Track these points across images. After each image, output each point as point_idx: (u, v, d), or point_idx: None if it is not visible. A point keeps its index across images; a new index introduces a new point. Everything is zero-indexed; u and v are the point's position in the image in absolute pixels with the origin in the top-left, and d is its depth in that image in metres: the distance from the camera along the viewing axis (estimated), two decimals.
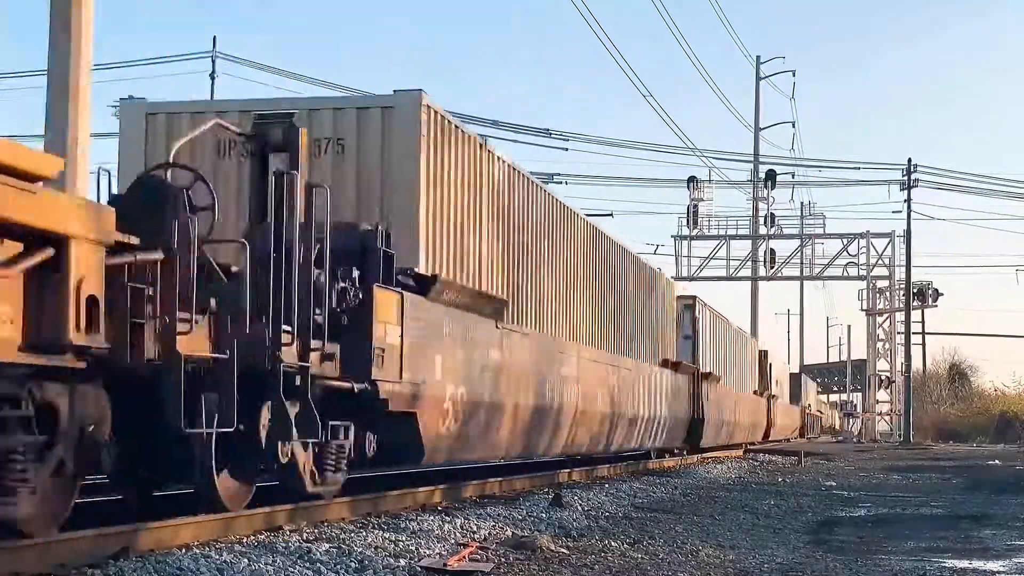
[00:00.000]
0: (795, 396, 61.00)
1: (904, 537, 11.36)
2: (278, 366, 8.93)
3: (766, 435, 42.79)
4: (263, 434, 9.01)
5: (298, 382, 9.27)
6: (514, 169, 15.72)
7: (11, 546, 6.58)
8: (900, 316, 55.05)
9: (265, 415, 9.05)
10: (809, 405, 72.42)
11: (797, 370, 79.26)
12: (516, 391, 14.69)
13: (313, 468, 9.88)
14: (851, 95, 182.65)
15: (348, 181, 12.79)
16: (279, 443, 9.12)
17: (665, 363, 24.53)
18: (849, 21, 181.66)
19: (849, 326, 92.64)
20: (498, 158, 15.11)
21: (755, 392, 40.32)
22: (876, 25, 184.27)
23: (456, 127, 13.84)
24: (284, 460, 9.25)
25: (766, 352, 45.27)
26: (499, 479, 15.04)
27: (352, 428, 10.36)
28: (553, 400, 16.29)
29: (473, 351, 13.14)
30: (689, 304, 29.10)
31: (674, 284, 27.77)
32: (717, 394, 30.36)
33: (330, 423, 9.89)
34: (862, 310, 57.40)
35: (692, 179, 49.96)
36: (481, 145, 14.64)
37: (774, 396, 45.17)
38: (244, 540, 8.28)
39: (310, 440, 9.54)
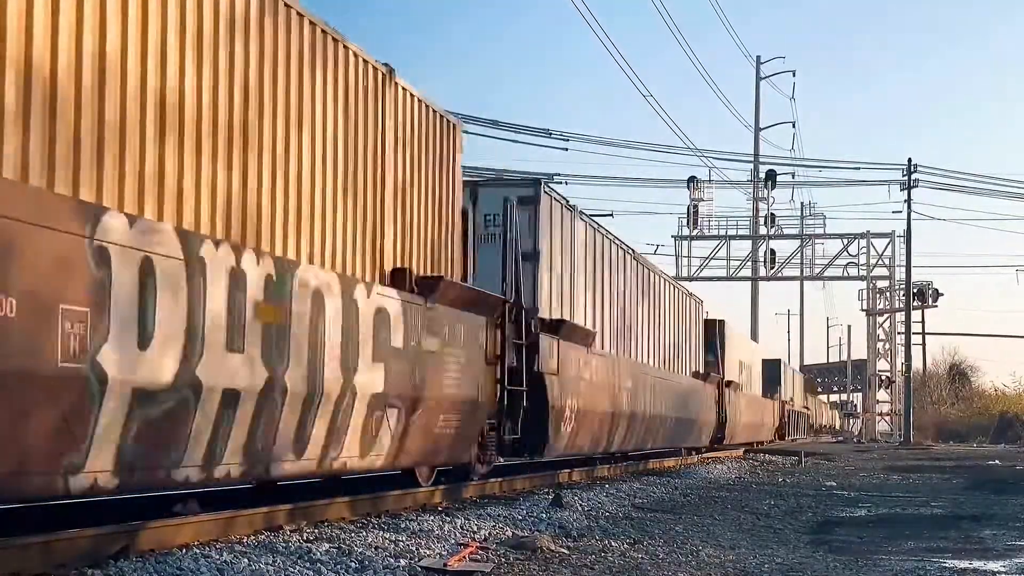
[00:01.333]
0: (771, 386, 47.78)
1: (904, 537, 11.35)
2: None
3: (717, 437, 30.75)
4: None
5: None
6: None
7: (11, 546, 6.58)
8: (900, 316, 55.02)
9: None
10: (791, 399, 58.24)
11: (798, 369, 79.02)
12: None
13: None
14: (851, 96, 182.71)
15: None
16: None
17: (401, 277, 11.43)
18: (849, 22, 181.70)
19: (849, 326, 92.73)
20: None
21: (697, 375, 27.99)
22: (876, 26, 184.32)
23: None
24: None
25: (721, 323, 32.25)
26: (499, 479, 15.01)
27: None
28: None
29: None
30: (528, 196, 15.92)
31: (461, 131, 13.53)
32: (578, 363, 17.18)
33: None
34: (862, 310, 57.43)
35: (692, 179, 49.93)
36: None
37: (731, 383, 32.64)
38: (244, 540, 8.28)
39: None
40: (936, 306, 58.23)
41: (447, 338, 12.41)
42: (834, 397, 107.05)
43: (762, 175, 52.15)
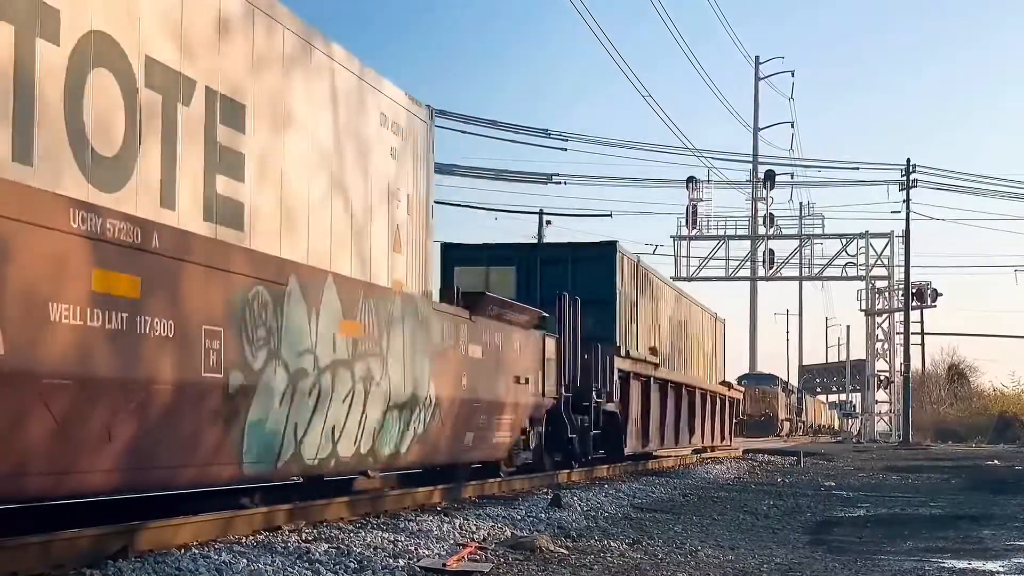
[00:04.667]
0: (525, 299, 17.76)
1: (903, 537, 11.36)
2: None
3: None
4: None
5: None
6: None
7: (11, 546, 6.58)
8: (899, 316, 55.03)
9: None
10: (642, 352, 21.76)
11: (791, 371, 78.56)
12: None
13: None
14: (850, 96, 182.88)
15: None
16: None
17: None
18: (847, 23, 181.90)
19: (848, 326, 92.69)
20: None
21: None
22: (875, 26, 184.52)
23: None
24: None
25: None
26: (498, 479, 15.02)
27: None
28: None
29: None
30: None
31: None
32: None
33: None
34: (861, 310, 57.38)
35: (691, 179, 49.96)
36: None
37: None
38: (243, 540, 8.28)
39: None
40: (935, 306, 58.19)
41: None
42: (833, 397, 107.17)
43: (761, 175, 52.16)
